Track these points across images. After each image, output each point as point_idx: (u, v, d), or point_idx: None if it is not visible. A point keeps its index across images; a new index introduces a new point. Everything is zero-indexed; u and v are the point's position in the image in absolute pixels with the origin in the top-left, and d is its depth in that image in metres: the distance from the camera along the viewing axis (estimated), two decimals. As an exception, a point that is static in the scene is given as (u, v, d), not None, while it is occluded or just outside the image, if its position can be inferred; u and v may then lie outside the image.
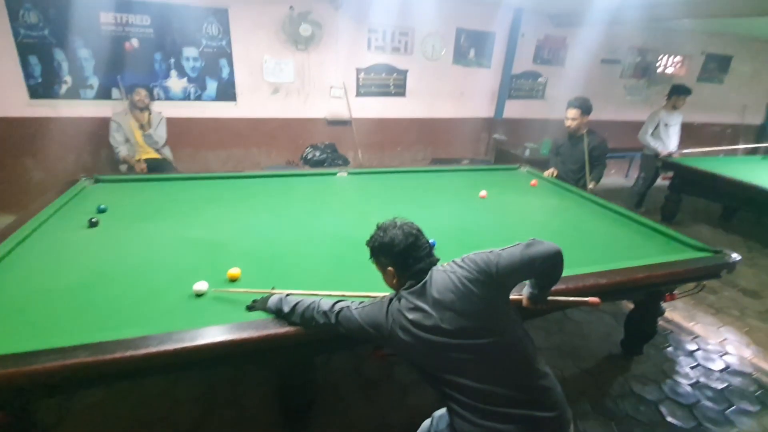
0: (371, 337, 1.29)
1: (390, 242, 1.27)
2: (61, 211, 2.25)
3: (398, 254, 1.26)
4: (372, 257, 1.34)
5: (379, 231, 1.32)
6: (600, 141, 3.33)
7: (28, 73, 3.74)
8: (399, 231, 1.28)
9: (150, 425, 1.92)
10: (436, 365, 1.21)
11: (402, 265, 1.27)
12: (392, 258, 1.27)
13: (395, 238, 1.27)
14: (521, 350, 1.21)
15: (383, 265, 1.31)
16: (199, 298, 1.56)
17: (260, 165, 4.76)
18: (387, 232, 1.29)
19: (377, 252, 1.32)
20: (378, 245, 1.30)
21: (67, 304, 1.49)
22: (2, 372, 1.13)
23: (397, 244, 1.26)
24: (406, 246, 1.26)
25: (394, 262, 1.28)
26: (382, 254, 1.30)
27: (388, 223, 1.32)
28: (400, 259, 1.27)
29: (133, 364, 1.22)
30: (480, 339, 1.16)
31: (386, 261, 1.29)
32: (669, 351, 2.65)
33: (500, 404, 1.14)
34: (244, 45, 4.28)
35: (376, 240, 1.31)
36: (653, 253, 2.16)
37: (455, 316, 1.17)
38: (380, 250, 1.30)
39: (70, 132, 3.94)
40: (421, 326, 1.19)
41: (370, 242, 1.33)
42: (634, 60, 6.31)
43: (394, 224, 1.31)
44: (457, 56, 5.24)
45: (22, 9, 3.56)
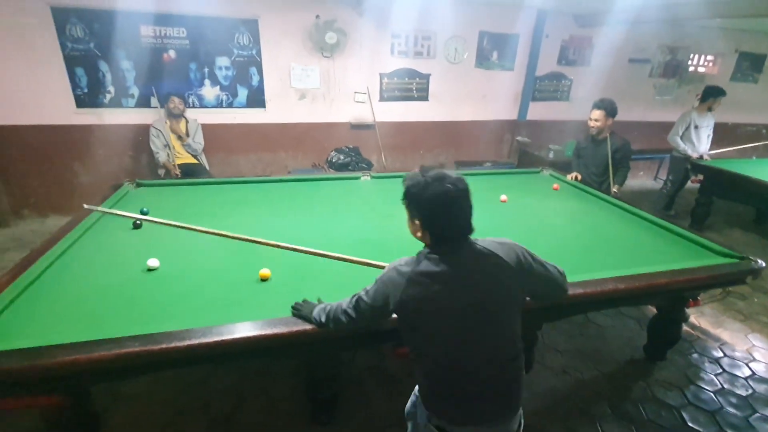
0: (386, 313, 1.20)
1: (424, 195, 1.11)
2: (109, 214, 2.45)
3: (429, 212, 1.12)
4: (403, 200, 1.19)
5: (420, 177, 1.13)
6: (623, 143, 3.29)
7: (75, 83, 4.03)
8: (441, 186, 1.10)
9: (188, 412, 2.07)
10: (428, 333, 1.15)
11: (430, 224, 1.14)
12: (420, 213, 1.14)
13: (432, 193, 1.10)
14: (505, 346, 1.18)
15: (411, 214, 1.19)
16: (235, 296, 1.69)
17: (287, 168, 4.94)
18: (429, 184, 1.11)
19: (408, 199, 1.17)
20: (411, 193, 1.15)
21: (118, 298, 1.65)
22: (64, 359, 1.28)
23: (431, 201, 1.10)
24: (442, 205, 1.11)
25: (422, 218, 1.14)
26: (413, 204, 1.16)
27: (435, 173, 1.12)
28: (429, 217, 1.13)
29: (178, 354, 1.35)
30: (481, 325, 1.13)
31: (415, 213, 1.16)
32: (694, 357, 2.62)
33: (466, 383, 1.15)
34: (272, 53, 4.46)
35: (412, 185, 1.14)
36: (676, 258, 2.15)
37: (473, 296, 1.11)
38: (411, 199, 1.16)
39: (113, 138, 4.22)
40: (434, 300, 1.11)
41: (405, 184, 1.17)
42: (664, 59, 6.14)
43: (441, 176, 1.11)
44: (479, 59, 5.27)
45: (69, 23, 3.84)
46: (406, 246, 2.20)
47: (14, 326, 1.44)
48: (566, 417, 2.15)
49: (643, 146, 5.98)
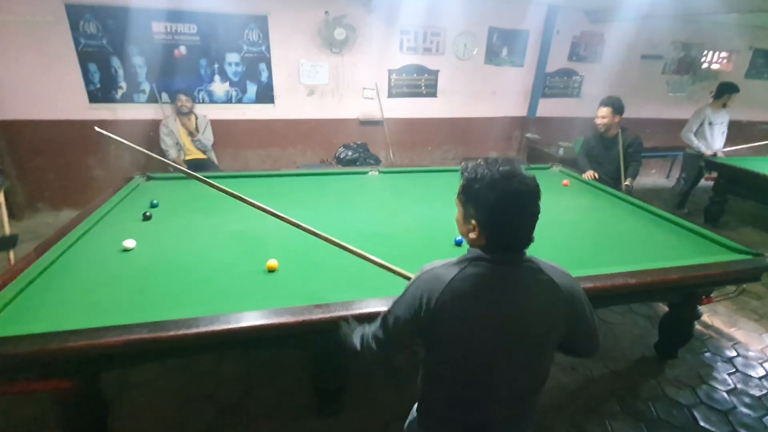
0: (418, 326, 1.00)
1: (490, 194, 0.91)
2: (120, 206, 2.49)
3: (493, 215, 0.93)
4: (460, 195, 1.00)
5: (485, 170, 0.93)
6: (634, 137, 3.27)
7: (88, 79, 4.08)
8: (511, 185, 0.91)
9: (197, 401, 2.09)
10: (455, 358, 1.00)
11: (491, 228, 0.94)
12: (482, 214, 0.94)
13: (501, 192, 0.91)
14: (534, 384, 1.06)
15: (467, 212, 0.98)
16: (243, 286, 1.70)
17: (296, 163, 4.96)
18: (497, 181, 0.91)
19: (467, 195, 0.97)
20: (473, 189, 0.95)
21: (128, 287, 1.67)
22: (75, 344, 1.30)
23: (499, 202, 0.91)
24: (511, 209, 0.92)
25: (482, 220, 0.95)
26: (472, 201, 0.96)
27: (505, 168, 0.92)
28: (492, 220, 0.94)
29: (187, 341, 1.37)
30: (513, 360, 0.99)
31: (473, 212, 0.96)
32: (706, 356, 2.58)
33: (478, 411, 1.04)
34: (282, 49, 4.47)
35: (474, 180, 0.94)
36: (689, 254, 2.12)
37: (518, 320, 0.95)
38: (472, 196, 0.96)
39: (125, 133, 4.16)
40: (474, 313, 0.94)
41: (466, 176, 0.97)
42: (678, 55, 6.04)
43: (512, 173, 0.92)
44: (489, 55, 5.23)
45: (83, 20, 3.89)
46: (414, 241, 2.22)
47: (28, 312, 1.47)
48: (575, 414, 2.13)
49: (655, 144, 5.90)
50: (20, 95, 3.91)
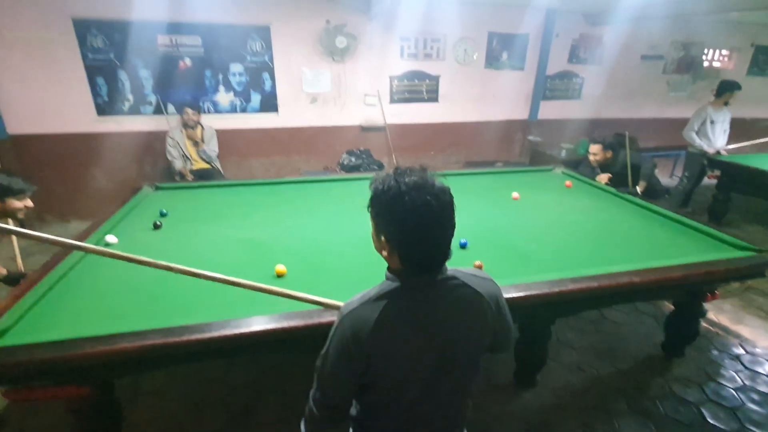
0: (358, 374, 0.92)
1: (397, 207, 0.83)
2: (130, 215, 2.54)
3: (401, 231, 0.85)
4: (368, 208, 0.90)
5: (393, 182, 0.85)
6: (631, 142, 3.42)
7: (96, 92, 4.17)
8: (420, 198, 0.82)
9: (207, 407, 2.12)
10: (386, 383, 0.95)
11: (401, 246, 0.87)
12: (389, 229, 0.87)
13: (408, 206, 0.82)
14: (462, 404, 1.08)
15: (377, 227, 0.90)
16: (252, 291, 1.73)
17: (300, 171, 5.01)
18: (403, 193, 0.82)
19: (376, 208, 0.88)
20: (380, 201, 0.86)
21: (140, 294, 1.71)
22: (91, 351, 1.34)
23: (406, 217, 0.83)
24: (419, 224, 0.83)
25: (391, 236, 0.87)
26: (381, 216, 0.88)
27: (413, 178, 0.84)
28: (400, 237, 0.86)
29: (198, 346, 1.40)
30: (448, 375, 0.97)
31: (382, 227, 0.89)
32: (713, 354, 2.57)
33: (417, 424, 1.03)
34: (284, 59, 4.54)
35: (381, 192, 0.86)
36: (693, 252, 2.13)
37: (448, 344, 0.93)
38: (380, 210, 0.87)
39: (132, 145, 4.35)
40: (403, 348, 0.90)
41: (373, 188, 0.88)
42: (678, 55, 6.06)
43: (420, 184, 0.83)
44: (489, 59, 5.28)
45: (90, 34, 3.98)
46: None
47: (44, 320, 1.51)
48: (582, 412, 2.13)
49: (657, 143, 5.91)
50: (29, 110, 4.00)
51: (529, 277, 1.80)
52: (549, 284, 1.74)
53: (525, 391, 2.27)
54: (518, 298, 1.68)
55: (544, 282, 1.76)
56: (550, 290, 1.72)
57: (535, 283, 1.74)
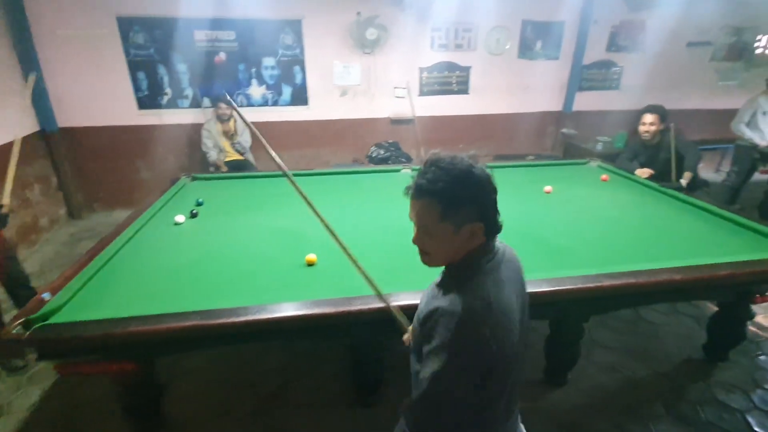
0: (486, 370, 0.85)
1: (474, 180, 0.83)
2: (169, 204, 2.65)
3: (487, 200, 0.86)
4: (446, 209, 0.83)
5: (453, 160, 0.84)
6: (675, 133, 3.12)
7: (137, 87, 4.36)
8: (482, 169, 0.86)
9: (240, 389, 2.21)
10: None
11: (489, 216, 0.86)
12: (477, 205, 0.84)
13: (482, 172, 0.85)
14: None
15: (461, 219, 0.84)
16: (284, 279, 1.78)
17: (329, 163, 5.07)
18: (470, 164, 0.84)
19: (458, 199, 0.83)
20: (459, 183, 0.82)
21: (181, 278, 1.80)
22: (136, 329, 1.42)
23: (486, 183, 0.85)
24: (493, 186, 0.87)
25: (479, 212, 0.85)
26: (466, 200, 0.83)
27: (461, 156, 0.86)
28: (487, 206, 0.86)
29: (236, 329, 1.46)
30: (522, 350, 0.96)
31: (470, 212, 0.84)
32: (761, 359, 2.43)
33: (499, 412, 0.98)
34: (315, 52, 4.59)
35: (452, 174, 0.82)
36: (740, 250, 2.01)
37: (524, 305, 0.96)
38: (466, 195, 0.83)
39: (170, 137, 4.53)
40: (513, 322, 0.87)
41: (437, 175, 0.83)
42: (728, 41, 5.67)
43: (469, 159, 0.86)
44: (522, 49, 5.13)
45: (132, 31, 4.15)
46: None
47: (92, 300, 1.61)
48: (615, 414, 2.07)
49: (703, 136, 5.56)
50: (77, 104, 4.22)
51: (561, 272, 1.75)
52: (582, 279, 1.69)
53: (555, 389, 2.22)
54: (549, 292, 1.64)
55: (578, 277, 1.71)
56: (584, 286, 1.67)
57: (567, 278, 1.70)
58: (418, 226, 0.90)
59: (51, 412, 2.07)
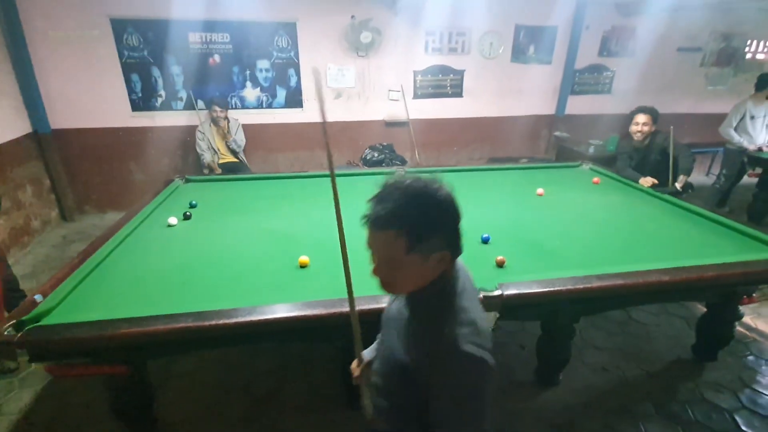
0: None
1: (451, 206, 0.80)
2: (162, 206, 2.64)
3: (456, 228, 0.81)
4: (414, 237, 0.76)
5: (419, 182, 0.79)
6: (665, 136, 3.17)
7: (131, 89, 4.34)
8: (447, 189, 0.81)
9: (233, 391, 2.20)
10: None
11: (456, 239, 0.82)
12: (447, 230, 0.80)
13: (447, 193, 0.80)
14: None
15: (427, 251, 0.78)
16: (276, 281, 1.78)
17: (323, 166, 5.06)
18: (439, 187, 0.79)
19: (427, 226, 0.76)
20: (432, 213, 0.77)
21: (172, 280, 1.79)
22: (127, 331, 1.41)
23: (451, 204, 0.80)
24: (458, 210, 0.82)
25: (449, 237, 0.80)
26: (434, 231, 0.77)
27: (424, 179, 0.80)
28: (457, 236, 0.82)
29: (228, 330, 1.46)
30: None
31: (438, 241, 0.78)
32: (749, 360, 2.47)
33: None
34: (310, 55, 4.60)
35: (421, 196, 0.77)
36: (728, 251, 2.04)
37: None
38: (434, 224, 0.77)
39: (164, 139, 4.52)
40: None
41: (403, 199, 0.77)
42: (718, 46, 5.76)
43: (432, 179, 0.81)
44: (515, 53, 5.18)
45: (126, 33, 4.14)
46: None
47: (83, 302, 1.61)
48: (606, 414, 2.09)
49: (694, 140, 5.63)
50: (70, 105, 4.20)
51: (552, 273, 1.77)
52: (573, 280, 1.72)
53: (546, 389, 2.24)
54: (540, 293, 1.66)
55: (568, 278, 1.73)
56: (574, 287, 1.69)
57: (558, 279, 1.72)
58: (381, 258, 0.83)
59: (43, 414, 2.06)
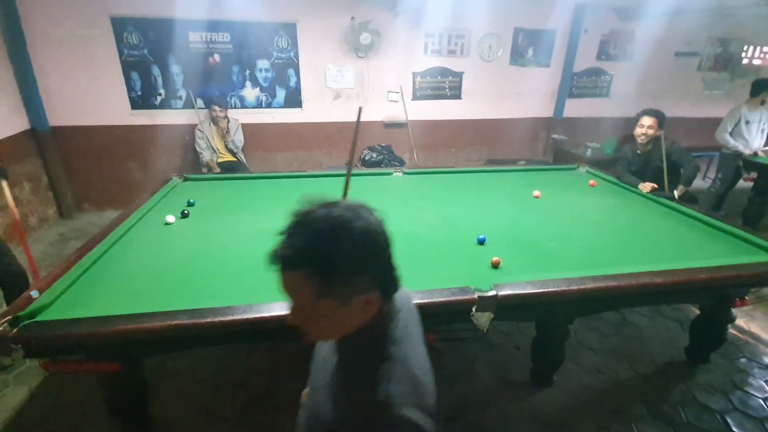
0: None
1: (373, 238, 0.67)
2: (160, 204, 2.65)
3: (384, 262, 0.70)
4: (326, 281, 0.64)
5: (333, 219, 0.65)
6: (670, 142, 3.14)
7: (130, 87, 4.35)
8: (371, 216, 0.69)
9: (228, 390, 2.21)
10: None
11: (385, 276, 0.71)
12: (375, 272, 0.68)
13: (378, 229, 0.68)
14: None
15: (346, 294, 0.66)
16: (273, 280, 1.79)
17: (322, 166, 5.09)
18: (355, 217, 0.66)
19: (340, 267, 0.64)
20: (348, 250, 0.64)
21: (169, 277, 1.80)
22: (123, 328, 1.42)
23: (383, 240, 0.69)
24: (388, 242, 0.70)
25: (377, 281, 0.69)
26: (352, 270, 0.65)
27: (341, 206, 0.68)
28: (386, 271, 0.71)
29: (222, 328, 1.47)
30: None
31: (359, 282, 0.67)
32: (742, 362, 2.48)
33: None
34: (309, 55, 4.62)
35: (338, 238, 0.64)
36: (721, 254, 2.07)
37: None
38: (351, 263, 0.65)
39: (163, 138, 4.53)
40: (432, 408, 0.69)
41: (315, 243, 0.65)
42: (715, 51, 5.81)
43: (352, 206, 0.69)
44: (514, 56, 5.20)
45: (126, 32, 4.15)
46: (438, 239, 2.26)
47: (79, 299, 1.61)
48: (599, 415, 2.10)
49: (690, 144, 5.66)
50: (69, 103, 4.21)
51: (547, 275, 1.78)
52: (567, 281, 1.73)
53: (541, 390, 2.25)
54: (534, 294, 1.68)
55: (562, 279, 1.74)
56: (568, 288, 1.70)
57: (552, 280, 1.73)
58: (292, 304, 0.70)
59: (37, 411, 2.06)
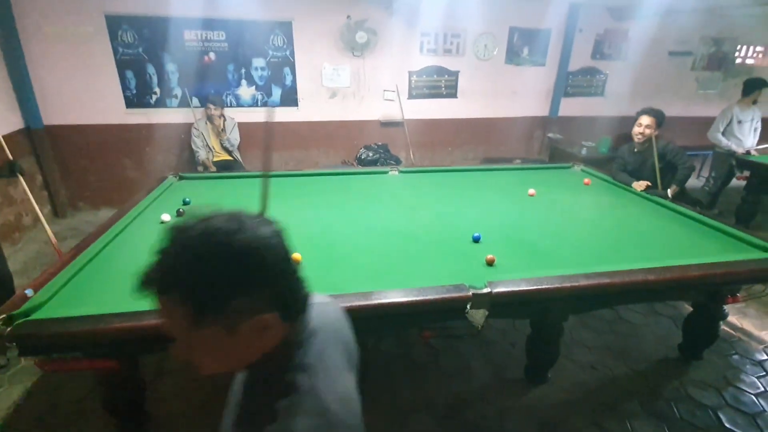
0: None
1: (263, 252, 0.60)
2: (155, 203, 2.65)
3: (282, 279, 0.63)
4: (201, 306, 0.57)
5: (211, 234, 0.59)
6: (666, 142, 3.16)
7: (125, 85, 4.33)
8: (261, 227, 0.62)
9: (224, 389, 2.20)
10: None
11: (289, 299, 0.64)
12: (269, 292, 0.61)
13: (269, 242, 0.61)
14: None
15: (231, 321, 0.59)
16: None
17: (318, 164, 5.09)
18: (238, 229, 0.59)
19: (216, 290, 0.57)
20: (227, 269, 0.57)
21: (164, 277, 1.80)
22: (118, 326, 1.42)
23: (278, 253, 0.62)
24: (287, 251, 0.64)
25: (274, 300, 0.62)
26: (235, 292, 0.58)
27: (223, 218, 0.61)
28: (286, 289, 0.64)
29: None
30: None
31: (248, 304, 0.59)
32: (734, 358, 2.51)
33: None
34: (305, 54, 4.61)
35: (216, 255, 0.57)
36: (714, 252, 2.09)
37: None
38: (233, 284, 0.58)
39: (158, 136, 4.51)
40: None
41: (186, 263, 0.58)
42: (708, 51, 5.85)
43: (237, 217, 0.62)
44: (509, 55, 5.22)
45: (121, 30, 4.13)
46: (433, 237, 2.27)
47: (76, 296, 1.61)
48: (594, 411, 2.12)
49: (684, 143, 5.69)
50: (64, 101, 4.18)
51: (541, 272, 1.80)
52: (560, 279, 1.75)
53: (535, 387, 2.27)
54: (528, 291, 1.69)
55: (556, 277, 1.76)
56: (561, 285, 1.72)
57: (546, 278, 1.75)
58: (172, 332, 0.61)
59: (33, 410, 2.06)
